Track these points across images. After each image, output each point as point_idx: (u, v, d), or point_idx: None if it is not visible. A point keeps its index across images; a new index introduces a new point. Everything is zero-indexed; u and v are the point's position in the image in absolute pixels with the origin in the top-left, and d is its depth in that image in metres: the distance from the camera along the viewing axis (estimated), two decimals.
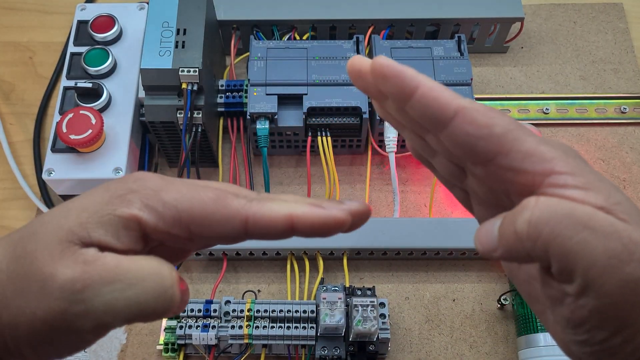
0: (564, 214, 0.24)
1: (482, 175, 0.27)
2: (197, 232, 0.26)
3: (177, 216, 0.26)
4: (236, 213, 0.26)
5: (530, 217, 0.24)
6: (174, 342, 0.52)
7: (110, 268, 0.25)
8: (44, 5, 0.72)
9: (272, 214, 0.26)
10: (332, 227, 0.27)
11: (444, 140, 0.27)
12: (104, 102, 0.56)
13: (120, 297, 0.25)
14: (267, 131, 0.57)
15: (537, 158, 0.25)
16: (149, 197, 0.26)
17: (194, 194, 0.26)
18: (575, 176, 0.25)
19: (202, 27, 0.54)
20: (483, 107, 0.26)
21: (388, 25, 0.63)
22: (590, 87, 0.67)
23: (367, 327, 0.49)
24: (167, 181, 0.27)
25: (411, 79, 0.26)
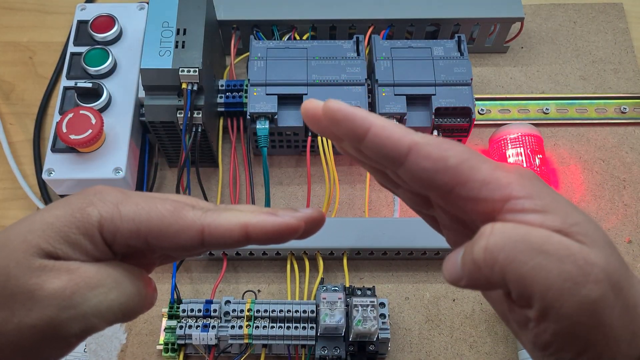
0: (518, 239, 0.24)
1: (444, 206, 0.28)
2: (155, 244, 0.27)
3: (134, 228, 0.27)
4: (192, 224, 0.27)
5: (486, 244, 0.24)
6: (174, 342, 0.52)
7: (92, 274, 0.26)
8: (44, 5, 0.72)
9: (227, 224, 0.27)
10: (285, 234, 0.28)
11: (402, 176, 0.27)
12: (104, 102, 0.56)
13: (104, 299, 0.27)
14: (267, 131, 0.57)
15: (493, 185, 0.25)
16: (108, 210, 0.27)
17: (151, 206, 0.27)
18: (532, 199, 0.25)
19: (202, 27, 0.54)
20: (436, 140, 0.26)
21: (388, 25, 0.63)
22: (590, 87, 0.67)
23: (367, 327, 0.49)
24: (125, 195, 0.28)
25: (362, 120, 0.26)
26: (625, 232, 0.59)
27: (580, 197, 0.61)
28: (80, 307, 0.26)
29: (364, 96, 0.57)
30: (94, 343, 0.53)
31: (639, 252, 0.58)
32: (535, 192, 0.25)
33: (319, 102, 0.27)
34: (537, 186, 0.26)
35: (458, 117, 0.57)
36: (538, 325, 0.25)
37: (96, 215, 0.27)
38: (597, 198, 0.61)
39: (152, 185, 0.61)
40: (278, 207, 0.60)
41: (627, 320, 0.24)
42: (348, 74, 0.57)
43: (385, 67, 0.58)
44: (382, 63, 0.58)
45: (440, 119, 0.57)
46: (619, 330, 0.24)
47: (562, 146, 0.64)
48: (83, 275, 0.26)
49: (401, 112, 0.56)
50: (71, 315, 0.26)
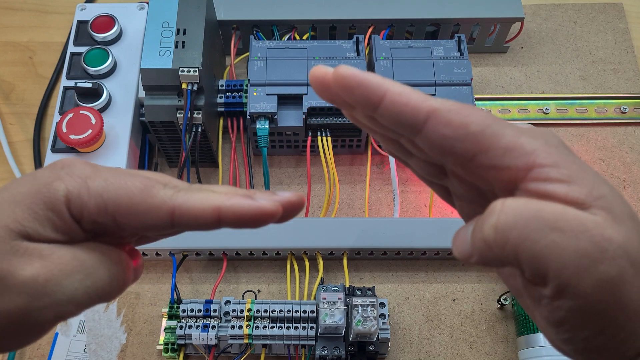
0: (530, 216, 0.23)
1: (463, 174, 0.27)
2: (124, 222, 0.26)
3: (102, 204, 0.26)
4: (162, 203, 0.26)
5: (496, 223, 0.23)
6: (174, 342, 0.52)
7: (67, 260, 0.25)
8: (44, 5, 0.72)
9: (199, 205, 0.26)
10: (261, 219, 0.26)
11: (419, 144, 0.26)
12: (104, 102, 0.56)
13: (80, 286, 0.25)
14: (267, 131, 0.57)
15: (517, 152, 0.24)
16: (75, 185, 0.26)
17: (120, 182, 0.26)
18: (558, 168, 0.24)
19: (202, 27, 0.54)
20: (456, 106, 0.25)
21: (388, 25, 0.63)
22: (590, 87, 0.67)
23: (367, 327, 0.49)
24: (95, 169, 0.27)
25: (377, 86, 0.25)
26: None
27: None
28: (54, 295, 0.25)
29: None
30: (93, 343, 0.53)
31: None
32: (561, 160, 0.24)
33: (328, 67, 0.26)
34: (563, 154, 0.24)
35: None
36: (553, 302, 0.24)
37: (63, 190, 0.26)
38: None
39: None
40: None
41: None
42: None
43: (385, 67, 0.58)
44: (382, 63, 0.58)
45: None
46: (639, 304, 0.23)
47: None
48: (57, 261, 0.25)
49: None
50: (45, 303, 0.25)
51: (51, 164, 0.27)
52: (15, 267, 0.25)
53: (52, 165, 0.27)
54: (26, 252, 0.25)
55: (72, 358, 0.53)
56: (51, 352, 0.53)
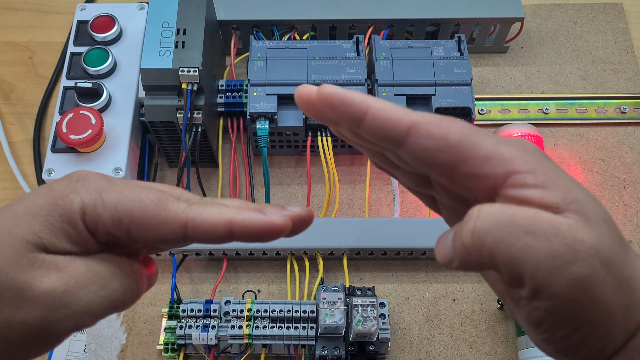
0: (505, 221, 0.24)
1: (446, 184, 0.28)
2: (137, 234, 0.27)
3: (116, 217, 0.26)
4: (175, 217, 0.27)
5: (473, 228, 0.24)
6: (174, 342, 0.52)
7: (82, 272, 0.26)
8: (44, 5, 0.72)
9: (211, 219, 0.27)
10: (272, 233, 0.27)
11: (402, 156, 0.27)
12: (104, 102, 0.56)
13: (95, 298, 0.26)
14: (267, 131, 0.57)
15: (496, 160, 0.25)
16: (90, 198, 0.26)
17: (135, 195, 0.27)
18: (534, 174, 0.25)
19: (202, 27, 0.54)
20: (436, 118, 0.26)
21: (388, 25, 0.63)
22: (590, 87, 0.67)
23: (367, 327, 0.49)
24: (109, 181, 0.27)
25: (360, 103, 0.26)
26: (625, 232, 0.59)
27: None
28: (71, 306, 0.25)
29: None
30: (94, 343, 0.53)
31: (638, 252, 0.58)
32: (537, 166, 0.25)
33: (313, 87, 0.27)
34: (539, 160, 0.25)
35: (458, 117, 0.57)
36: (530, 303, 0.25)
37: (78, 202, 0.26)
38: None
39: None
40: None
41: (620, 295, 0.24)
42: (348, 74, 0.57)
43: (385, 67, 0.58)
44: (382, 63, 0.58)
45: None
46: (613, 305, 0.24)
47: (562, 146, 0.64)
48: (73, 273, 0.26)
49: None
50: (62, 314, 0.25)
51: (66, 176, 0.28)
52: (34, 280, 0.25)
53: (67, 177, 0.28)
54: (43, 264, 0.25)
55: (72, 358, 0.53)
56: (51, 352, 0.53)
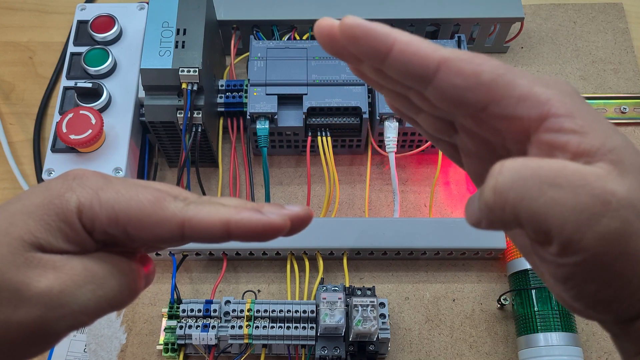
0: (528, 175, 0.22)
1: (474, 127, 0.26)
2: (134, 233, 0.27)
3: (113, 216, 0.26)
4: (172, 216, 0.26)
5: (495, 185, 0.23)
6: (174, 342, 0.52)
7: (79, 271, 0.26)
8: (44, 5, 0.72)
9: (208, 219, 0.26)
10: (269, 233, 0.27)
11: (429, 96, 0.25)
12: (104, 102, 0.56)
13: (92, 297, 0.26)
14: (267, 131, 0.57)
15: (531, 102, 0.23)
16: (87, 196, 0.26)
17: (132, 194, 0.26)
18: (572, 118, 0.23)
19: (202, 27, 0.54)
20: (467, 55, 0.24)
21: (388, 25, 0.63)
22: (590, 87, 0.67)
23: (367, 327, 0.49)
24: (106, 180, 0.27)
25: (385, 36, 0.24)
26: None
27: None
28: (68, 306, 0.25)
29: (364, 96, 0.57)
30: (94, 343, 0.53)
31: None
32: (576, 110, 0.23)
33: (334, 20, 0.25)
34: (578, 104, 0.24)
35: None
36: (558, 259, 0.23)
37: (74, 201, 0.26)
38: None
39: None
40: None
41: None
42: (348, 73, 0.57)
43: None
44: None
45: None
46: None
47: None
48: (70, 272, 0.26)
49: None
50: (59, 314, 0.25)
51: (63, 175, 0.27)
52: (30, 279, 0.25)
53: (63, 175, 0.27)
54: (40, 263, 0.25)
55: (72, 358, 0.53)
56: (51, 352, 0.53)
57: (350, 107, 0.56)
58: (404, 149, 0.61)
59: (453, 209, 0.60)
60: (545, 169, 0.22)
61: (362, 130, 0.58)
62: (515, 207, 0.23)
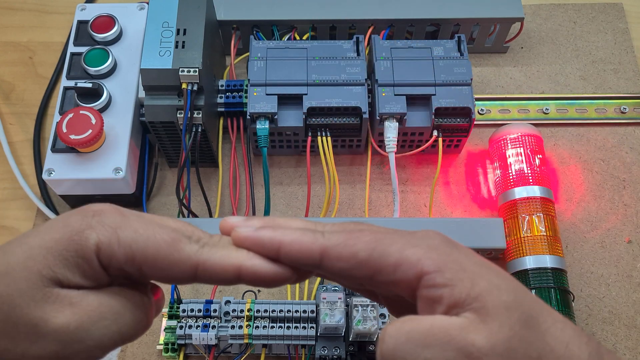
0: (403, 340, 0.25)
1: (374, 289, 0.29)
2: (148, 273, 0.27)
3: (130, 255, 0.27)
4: (187, 259, 0.27)
5: (380, 352, 0.26)
6: (174, 342, 0.52)
7: (95, 307, 0.27)
8: (44, 5, 0.72)
9: (221, 263, 0.28)
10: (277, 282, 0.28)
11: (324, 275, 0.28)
12: (104, 102, 0.56)
13: (107, 332, 0.27)
14: (267, 131, 0.57)
15: (405, 266, 0.26)
16: (106, 235, 0.27)
17: (149, 234, 0.27)
18: (441, 272, 0.26)
19: (202, 27, 0.54)
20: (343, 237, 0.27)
21: (388, 25, 0.63)
22: (590, 87, 0.67)
23: (367, 327, 0.49)
24: (125, 218, 0.28)
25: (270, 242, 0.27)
26: (625, 232, 0.59)
27: (580, 197, 0.61)
28: (84, 341, 0.26)
29: (364, 96, 0.57)
30: None
31: (638, 252, 0.58)
32: (443, 263, 0.26)
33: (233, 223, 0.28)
34: (445, 255, 0.26)
35: (458, 117, 0.57)
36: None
37: (94, 239, 0.26)
38: (597, 198, 0.61)
39: (152, 185, 0.61)
40: (278, 207, 0.60)
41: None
42: (348, 74, 0.58)
43: (385, 67, 0.58)
44: (382, 63, 0.58)
45: (440, 119, 0.57)
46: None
47: (562, 146, 0.64)
48: (86, 308, 0.26)
49: (401, 112, 0.56)
50: (75, 349, 0.26)
51: (82, 210, 0.28)
52: (48, 315, 0.26)
53: (83, 211, 0.28)
54: (57, 299, 0.26)
55: None
56: None
57: (350, 107, 0.56)
58: (404, 149, 0.61)
59: (453, 209, 0.60)
60: (416, 332, 0.25)
61: (362, 130, 0.58)
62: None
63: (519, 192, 0.56)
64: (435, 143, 0.58)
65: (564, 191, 0.61)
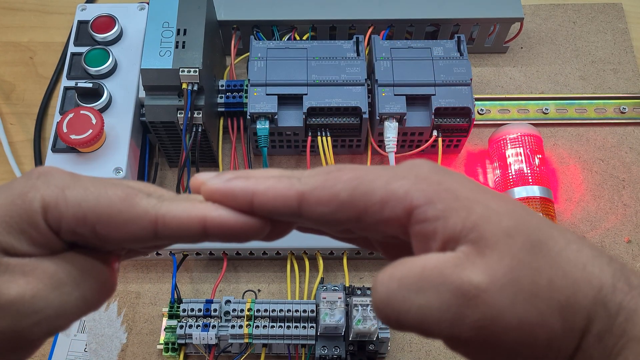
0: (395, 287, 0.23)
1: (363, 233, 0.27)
2: (104, 233, 0.25)
3: (80, 214, 0.24)
4: (144, 213, 0.25)
5: (374, 302, 0.24)
6: (174, 342, 0.52)
7: (51, 274, 0.24)
8: (44, 5, 0.73)
9: (184, 215, 0.25)
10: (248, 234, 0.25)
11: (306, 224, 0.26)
12: (105, 102, 0.56)
13: (68, 299, 0.24)
14: (267, 131, 0.57)
15: (393, 202, 0.24)
16: (52, 195, 0.24)
17: (100, 191, 0.25)
18: (433, 204, 0.23)
19: (202, 27, 0.54)
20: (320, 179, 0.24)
21: (388, 25, 0.63)
22: (590, 87, 0.67)
23: (367, 327, 0.49)
24: (73, 178, 0.25)
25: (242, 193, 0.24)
26: (625, 232, 0.59)
27: (580, 197, 0.61)
28: (43, 311, 0.24)
29: (364, 96, 0.57)
30: (94, 342, 0.54)
31: (638, 252, 0.58)
32: (434, 193, 0.24)
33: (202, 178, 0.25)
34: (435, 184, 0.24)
35: (458, 117, 0.58)
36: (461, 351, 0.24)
37: (38, 200, 0.24)
38: (596, 198, 0.61)
39: None
40: None
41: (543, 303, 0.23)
42: (348, 74, 0.58)
43: (385, 67, 0.58)
44: (382, 63, 0.58)
45: (440, 119, 0.57)
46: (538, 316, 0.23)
47: (562, 146, 0.64)
48: (41, 276, 0.24)
49: (401, 112, 0.56)
50: (34, 320, 0.24)
51: (27, 173, 0.26)
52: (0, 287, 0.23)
53: (27, 174, 0.25)
54: (7, 269, 0.24)
55: (73, 357, 0.53)
56: (52, 352, 0.53)
57: (350, 107, 0.57)
58: (404, 149, 0.61)
59: None
60: (408, 276, 0.23)
61: (362, 130, 0.58)
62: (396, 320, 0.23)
63: (519, 192, 0.56)
64: (435, 143, 0.58)
65: (564, 191, 0.61)
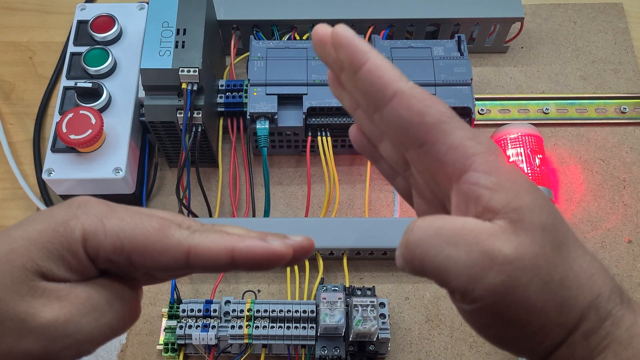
0: (432, 233, 0.25)
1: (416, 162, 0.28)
2: (138, 262, 0.26)
3: (118, 244, 0.26)
4: (178, 244, 0.26)
5: (406, 241, 0.26)
6: (174, 342, 0.52)
7: (83, 300, 0.26)
8: (44, 5, 0.72)
9: (214, 247, 0.27)
10: (273, 262, 0.27)
11: (379, 120, 0.28)
12: (104, 102, 0.56)
13: (96, 325, 0.26)
14: (267, 131, 0.57)
15: (459, 153, 0.26)
16: (92, 224, 0.26)
17: (137, 222, 0.26)
18: (489, 175, 0.25)
19: (202, 27, 0.54)
20: (422, 94, 0.26)
21: (388, 25, 0.63)
22: (590, 87, 0.67)
23: (367, 327, 0.49)
24: (111, 208, 0.27)
25: (362, 52, 0.26)
26: (625, 232, 0.59)
27: (580, 197, 0.61)
28: (73, 336, 0.25)
29: None
30: None
31: (639, 252, 0.58)
32: (495, 168, 0.26)
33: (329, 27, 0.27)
34: (500, 163, 0.26)
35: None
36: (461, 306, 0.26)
37: (79, 229, 0.26)
38: (597, 198, 0.61)
39: (152, 185, 0.61)
40: (278, 207, 0.61)
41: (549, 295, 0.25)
42: None
43: None
44: None
45: None
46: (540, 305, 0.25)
47: (562, 146, 0.64)
48: (74, 301, 0.26)
49: None
50: (64, 344, 0.25)
51: (67, 202, 0.27)
52: (35, 310, 0.25)
53: (67, 203, 0.27)
54: (44, 293, 0.25)
55: None
56: None
57: None
58: None
59: None
60: (446, 229, 0.25)
61: None
62: (421, 261, 0.26)
63: None
64: None
65: (564, 191, 0.61)
